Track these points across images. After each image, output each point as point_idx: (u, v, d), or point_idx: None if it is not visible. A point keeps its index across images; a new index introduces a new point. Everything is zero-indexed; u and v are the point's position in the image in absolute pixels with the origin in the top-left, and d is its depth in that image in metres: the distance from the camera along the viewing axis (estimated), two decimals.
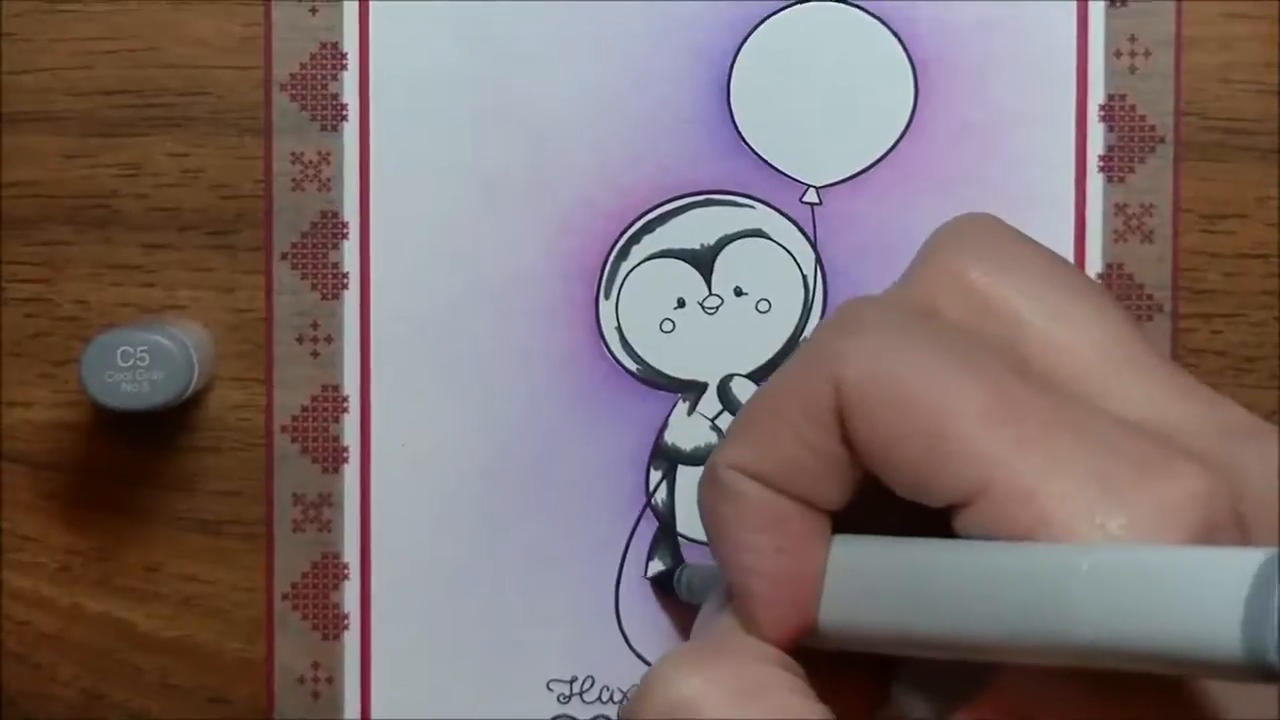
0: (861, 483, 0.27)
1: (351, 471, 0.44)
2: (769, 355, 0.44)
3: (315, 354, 0.44)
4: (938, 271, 0.27)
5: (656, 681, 0.26)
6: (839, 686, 0.27)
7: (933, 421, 0.25)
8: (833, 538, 0.27)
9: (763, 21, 0.44)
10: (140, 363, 0.41)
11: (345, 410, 0.44)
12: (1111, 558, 0.22)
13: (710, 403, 0.44)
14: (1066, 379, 0.26)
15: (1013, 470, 0.24)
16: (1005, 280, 0.27)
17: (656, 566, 0.44)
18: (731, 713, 0.25)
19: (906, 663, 0.28)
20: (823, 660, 0.27)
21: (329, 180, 0.44)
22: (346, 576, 0.44)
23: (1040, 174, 0.44)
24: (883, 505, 0.26)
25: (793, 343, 0.44)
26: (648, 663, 0.44)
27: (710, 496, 0.28)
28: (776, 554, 0.27)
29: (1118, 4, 0.44)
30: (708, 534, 0.28)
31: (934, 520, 0.25)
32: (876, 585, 0.26)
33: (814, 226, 0.44)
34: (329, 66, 0.44)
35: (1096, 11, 0.44)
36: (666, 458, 0.44)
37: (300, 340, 0.44)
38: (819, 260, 0.44)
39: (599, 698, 0.44)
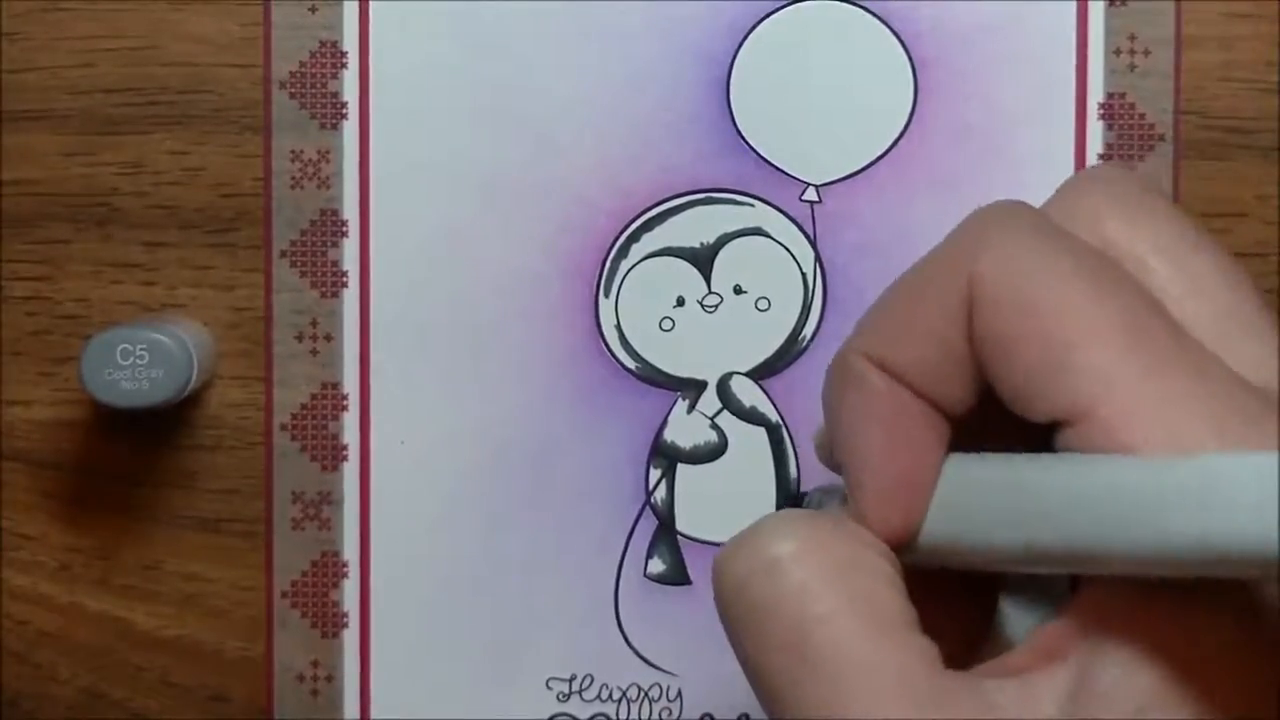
0: (982, 395, 0.26)
1: (351, 469, 0.44)
2: (768, 353, 0.44)
3: (315, 352, 0.44)
4: (1072, 212, 0.27)
5: (755, 536, 0.26)
6: (934, 613, 0.27)
7: (1058, 329, 0.25)
8: (948, 456, 0.27)
9: (762, 20, 0.44)
10: (140, 361, 0.41)
11: (345, 408, 0.44)
12: (1222, 465, 0.22)
13: (710, 401, 0.44)
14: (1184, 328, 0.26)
15: (1127, 394, 0.24)
16: (1138, 226, 0.27)
17: (656, 565, 0.44)
18: (820, 583, 0.25)
19: (1010, 582, 0.28)
20: (920, 584, 0.27)
21: (329, 178, 0.44)
22: (346, 574, 0.44)
23: (1040, 173, 0.44)
24: (990, 434, 0.26)
25: (792, 341, 0.44)
26: (647, 661, 0.44)
27: (836, 383, 0.28)
28: (894, 448, 0.27)
29: (1117, 3, 0.44)
30: (828, 422, 0.28)
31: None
32: (981, 498, 0.26)
33: (813, 225, 0.44)
34: (329, 65, 0.44)
35: (1096, 10, 0.44)
36: (666, 456, 0.44)
37: (300, 338, 0.44)
38: (818, 258, 0.44)
39: (598, 696, 0.44)
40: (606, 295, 0.44)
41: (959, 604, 0.28)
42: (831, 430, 0.28)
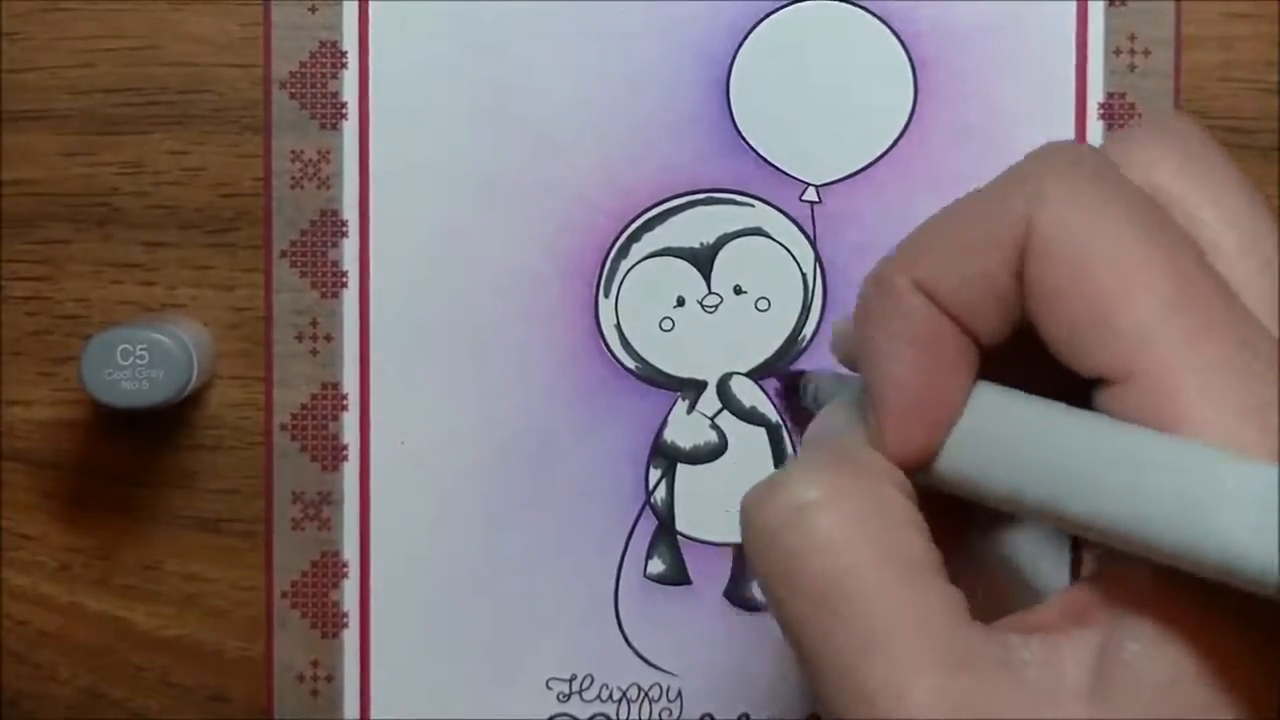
0: (1016, 331, 0.26)
1: (351, 469, 0.44)
2: (768, 353, 0.44)
3: (315, 352, 0.44)
4: (1129, 155, 0.27)
5: (782, 486, 0.26)
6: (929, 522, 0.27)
7: (1111, 287, 0.25)
8: (976, 383, 0.27)
9: (762, 20, 0.44)
10: (140, 361, 0.41)
11: (345, 408, 0.44)
12: (1262, 475, 0.22)
13: (710, 401, 0.44)
14: None
15: (1173, 359, 0.24)
16: (1194, 178, 0.27)
17: (656, 565, 0.44)
18: (847, 532, 0.26)
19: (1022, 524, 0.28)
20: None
21: (328, 178, 0.44)
22: (346, 574, 0.44)
23: None
24: (1024, 376, 0.26)
25: (792, 340, 0.44)
26: (647, 661, 0.44)
27: (873, 300, 0.28)
28: (922, 370, 0.27)
29: (1117, 3, 0.44)
30: (858, 337, 0.28)
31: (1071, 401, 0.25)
32: (1004, 437, 0.26)
33: (813, 225, 0.44)
34: (329, 65, 0.44)
35: (1096, 10, 0.44)
36: (666, 456, 0.44)
37: (300, 338, 0.44)
38: (818, 258, 0.44)
39: (598, 696, 0.44)
40: (606, 295, 0.44)
41: (939, 514, 0.28)
42: (859, 344, 0.28)
